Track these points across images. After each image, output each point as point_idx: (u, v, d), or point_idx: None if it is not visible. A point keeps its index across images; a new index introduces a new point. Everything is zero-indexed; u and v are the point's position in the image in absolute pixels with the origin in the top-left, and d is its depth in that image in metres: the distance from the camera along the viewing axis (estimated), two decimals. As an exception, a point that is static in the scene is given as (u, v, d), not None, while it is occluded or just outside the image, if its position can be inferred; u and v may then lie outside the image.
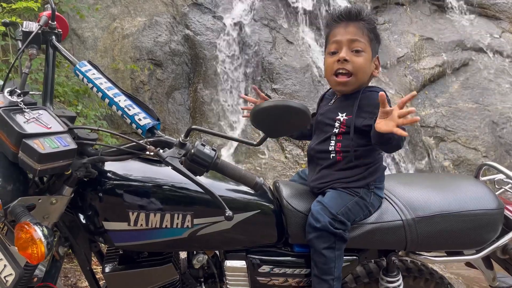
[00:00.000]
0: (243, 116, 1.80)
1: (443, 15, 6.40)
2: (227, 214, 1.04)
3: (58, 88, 3.46)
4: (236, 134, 4.16)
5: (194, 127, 1.12)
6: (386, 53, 5.65)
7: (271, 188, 1.51)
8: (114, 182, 1.21)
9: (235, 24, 4.76)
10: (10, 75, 1.31)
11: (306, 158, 1.58)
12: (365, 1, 5.72)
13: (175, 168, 1.04)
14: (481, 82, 5.87)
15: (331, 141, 1.44)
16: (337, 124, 1.44)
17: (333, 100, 1.53)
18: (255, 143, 1.12)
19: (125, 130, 4.18)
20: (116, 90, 1.19)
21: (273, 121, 1.03)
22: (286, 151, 4.00)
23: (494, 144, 5.39)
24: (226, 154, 3.95)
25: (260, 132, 1.42)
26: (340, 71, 1.44)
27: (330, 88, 1.60)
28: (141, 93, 4.28)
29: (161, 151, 1.07)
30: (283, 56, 4.65)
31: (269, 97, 4.38)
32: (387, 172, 1.51)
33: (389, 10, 6.21)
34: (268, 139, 1.16)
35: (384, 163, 1.51)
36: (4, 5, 3.12)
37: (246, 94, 4.50)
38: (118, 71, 4.29)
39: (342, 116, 1.44)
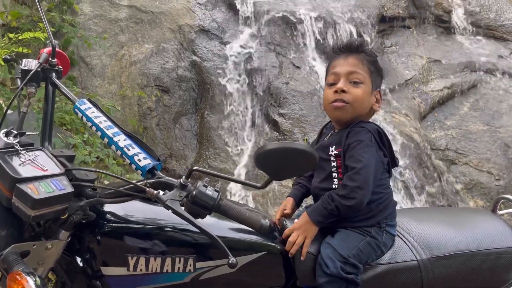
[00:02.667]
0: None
1: (450, 37, 6.39)
2: (230, 261, 0.98)
3: (65, 116, 3.46)
4: (244, 159, 4.11)
5: (195, 168, 1.07)
6: (393, 76, 5.61)
7: (278, 225, 1.45)
8: (113, 224, 1.16)
9: (241, 49, 4.78)
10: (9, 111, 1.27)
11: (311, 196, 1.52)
12: (372, 24, 5.73)
13: (175, 212, 1.00)
14: (491, 104, 5.80)
15: (334, 179, 1.39)
16: (333, 159, 1.39)
17: (329, 135, 1.50)
18: (259, 185, 1.07)
19: (131, 156, 4.16)
20: (115, 129, 1.15)
21: (278, 163, 0.98)
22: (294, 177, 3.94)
23: (507, 167, 5.28)
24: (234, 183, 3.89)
25: None
26: (338, 101, 1.42)
27: (329, 122, 1.55)
28: (148, 119, 4.27)
29: (161, 193, 1.02)
30: (290, 81, 4.64)
31: (277, 122, 4.35)
32: (396, 198, 1.44)
33: (396, 33, 6.21)
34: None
35: (394, 191, 1.45)
36: (11, 35, 3.15)
37: (253, 119, 4.47)
38: (125, 98, 4.30)
39: (333, 150, 1.39)
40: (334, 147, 1.40)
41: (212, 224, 1.13)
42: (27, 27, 3.85)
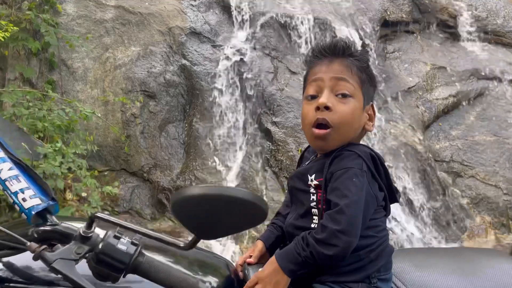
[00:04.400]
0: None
1: (455, 43, 6.13)
2: None
3: (37, 123, 3.19)
4: (233, 172, 3.82)
5: (98, 214, 0.77)
6: (396, 83, 5.34)
7: (239, 275, 1.15)
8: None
9: (234, 53, 4.51)
10: None
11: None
12: (374, 28, 5.46)
13: (67, 278, 0.69)
14: (499, 113, 5.56)
15: (313, 216, 1.10)
16: (312, 191, 1.09)
17: (309, 160, 1.21)
18: (183, 245, 0.77)
19: (113, 166, 3.89)
20: (1, 154, 0.85)
21: (205, 216, 0.68)
22: (286, 191, 3.64)
23: None
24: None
25: (261, 169, 1.07)
26: (320, 122, 1.11)
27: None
28: (132, 127, 4.00)
29: (48, 250, 0.72)
30: (285, 87, 4.36)
31: (270, 131, 4.07)
32: (397, 213, 1.13)
33: (399, 38, 5.95)
34: (266, 174, 0.78)
35: (394, 207, 1.14)
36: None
37: (245, 127, 4.19)
38: (108, 103, 4.03)
39: (312, 180, 1.10)
40: (314, 175, 1.10)
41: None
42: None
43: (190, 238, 0.78)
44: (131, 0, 4.62)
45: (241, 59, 4.48)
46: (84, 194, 3.42)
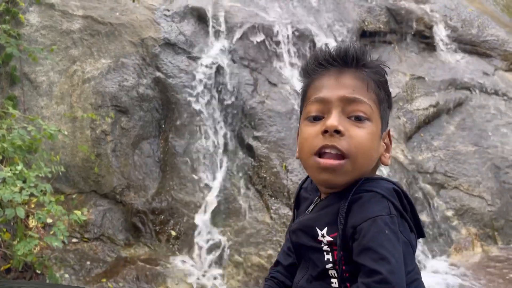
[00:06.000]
0: None
1: (432, 53, 6.16)
2: None
3: (-5, 143, 2.86)
4: (213, 191, 3.57)
5: None
6: (377, 94, 5.27)
7: None
8: None
9: (212, 65, 4.30)
10: None
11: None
12: (352, 39, 5.38)
13: None
14: (478, 123, 5.60)
15: (332, 279, 0.86)
16: (326, 248, 0.86)
17: (313, 205, 0.96)
18: None
19: (82, 188, 3.58)
20: None
21: None
22: (271, 210, 3.42)
23: (499, 191, 5.02)
24: (202, 219, 3.34)
25: (243, 187, 0.83)
26: (327, 150, 0.88)
27: (308, 177, 1.02)
28: (103, 145, 3.70)
29: None
30: (265, 100, 4.17)
31: (251, 146, 3.85)
32: None
33: (377, 48, 5.91)
34: (249, 192, 0.53)
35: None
36: None
37: (225, 143, 3.96)
38: (76, 120, 3.73)
39: (324, 236, 0.86)
40: (326, 229, 0.87)
41: None
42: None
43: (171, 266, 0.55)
44: (100, 10, 4.35)
45: (219, 70, 4.27)
46: (49, 221, 3.10)
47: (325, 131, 0.88)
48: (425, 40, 6.10)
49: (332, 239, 0.85)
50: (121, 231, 3.39)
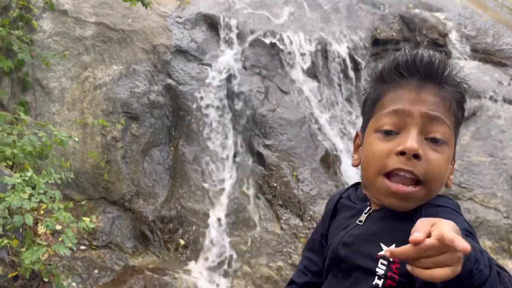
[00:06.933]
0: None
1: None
2: None
3: (6, 149, 2.86)
4: (223, 199, 3.53)
5: None
6: (389, 103, 5.21)
7: None
8: None
9: (223, 72, 4.27)
10: None
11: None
12: (365, 46, 5.32)
13: None
14: (494, 133, 5.50)
15: None
16: (381, 269, 0.78)
17: (364, 215, 0.88)
18: None
19: (91, 195, 3.56)
20: None
21: None
22: (282, 221, 3.36)
23: None
24: (211, 228, 3.29)
25: (253, 196, 0.78)
26: (401, 173, 0.81)
27: (350, 187, 0.96)
28: (113, 151, 3.69)
29: None
30: (277, 108, 4.12)
31: (262, 155, 3.81)
32: None
33: (390, 56, 5.85)
34: (259, 202, 0.47)
35: None
36: None
37: (235, 151, 3.91)
38: (87, 126, 3.73)
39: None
40: (393, 246, 0.77)
41: None
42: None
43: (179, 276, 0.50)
44: (112, 16, 4.37)
45: (230, 78, 4.24)
46: (58, 227, 3.08)
47: (402, 153, 0.81)
48: (439, 48, 6.02)
49: None
50: (130, 239, 3.35)
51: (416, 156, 0.80)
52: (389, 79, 0.88)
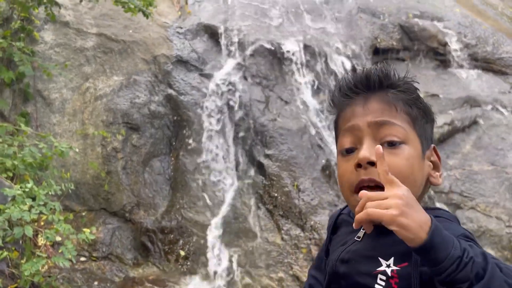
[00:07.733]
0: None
1: (446, 70, 6.10)
2: None
3: (6, 161, 2.86)
4: (223, 210, 3.52)
5: None
6: (390, 112, 5.21)
7: None
8: None
9: (224, 82, 4.29)
10: None
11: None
12: (365, 56, 5.34)
13: None
14: (495, 141, 5.49)
15: None
16: (380, 285, 0.78)
17: (362, 231, 0.88)
18: None
19: (92, 206, 3.55)
20: None
21: None
22: (282, 231, 3.34)
23: None
24: (211, 239, 3.28)
25: (254, 206, 0.78)
26: (366, 185, 0.83)
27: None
28: (113, 162, 3.68)
29: None
30: (277, 117, 4.13)
31: (262, 165, 3.80)
32: None
33: (390, 65, 5.87)
34: (260, 212, 0.49)
35: None
36: None
37: (236, 161, 3.91)
38: (87, 137, 3.73)
39: (389, 266, 0.78)
40: (391, 260, 0.79)
41: None
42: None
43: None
44: (113, 27, 4.39)
45: (231, 88, 4.25)
46: (58, 239, 3.07)
47: (359, 165, 0.84)
48: (439, 57, 6.04)
49: (400, 269, 0.78)
50: (130, 250, 3.34)
51: (372, 164, 0.82)
52: (339, 104, 0.94)
